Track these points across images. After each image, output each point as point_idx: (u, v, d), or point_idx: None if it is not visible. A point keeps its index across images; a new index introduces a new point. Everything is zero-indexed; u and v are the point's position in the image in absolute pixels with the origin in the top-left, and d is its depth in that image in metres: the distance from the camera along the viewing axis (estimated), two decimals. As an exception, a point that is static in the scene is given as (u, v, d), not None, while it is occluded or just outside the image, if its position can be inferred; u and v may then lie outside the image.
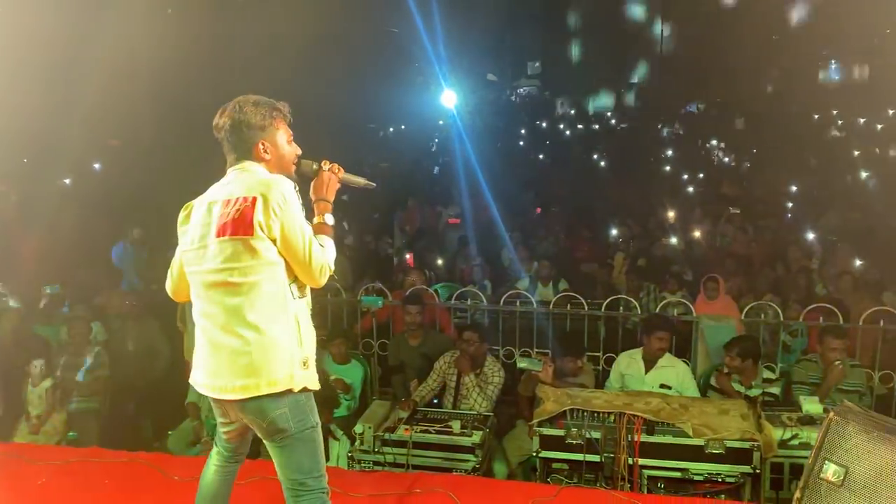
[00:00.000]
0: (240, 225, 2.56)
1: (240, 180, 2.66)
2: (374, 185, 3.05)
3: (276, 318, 2.60)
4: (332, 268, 2.72)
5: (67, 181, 11.99)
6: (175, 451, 5.34)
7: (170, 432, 5.68)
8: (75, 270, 8.08)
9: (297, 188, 2.71)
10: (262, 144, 2.71)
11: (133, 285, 8.30)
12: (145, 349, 6.44)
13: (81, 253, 8.65)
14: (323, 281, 2.69)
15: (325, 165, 2.88)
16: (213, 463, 2.98)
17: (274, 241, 2.58)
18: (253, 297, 2.57)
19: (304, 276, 2.66)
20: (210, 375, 2.65)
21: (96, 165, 14.58)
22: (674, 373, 5.15)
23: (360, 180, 3.01)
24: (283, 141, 2.77)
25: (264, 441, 2.71)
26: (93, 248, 8.93)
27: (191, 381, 2.75)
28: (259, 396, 2.56)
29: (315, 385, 2.70)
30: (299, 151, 2.85)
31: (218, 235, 2.60)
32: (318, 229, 2.76)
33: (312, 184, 2.87)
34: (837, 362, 4.97)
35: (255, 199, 2.56)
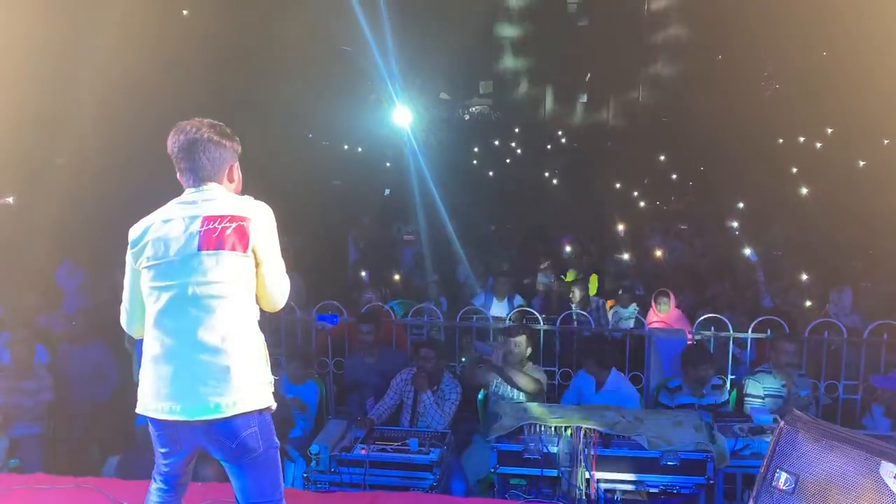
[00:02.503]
0: (235, 240, 2.56)
1: (220, 199, 2.64)
2: None
3: (253, 335, 2.63)
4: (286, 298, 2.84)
5: (10, 199, 11.63)
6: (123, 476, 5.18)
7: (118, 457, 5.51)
8: (16, 291, 7.82)
9: None
10: (233, 168, 2.75)
11: (79, 306, 8.06)
12: (92, 372, 6.25)
13: (23, 273, 8.38)
14: (279, 306, 2.78)
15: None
16: (155, 499, 2.83)
17: (258, 263, 2.63)
18: (235, 313, 2.57)
19: (269, 301, 2.73)
20: (173, 398, 2.54)
21: (40, 183, 14.16)
22: (617, 397, 5.18)
23: None
24: (238, 169, 2.80)
25: (225, 464, 2.65)
26: (35, 268, 8.65)
27: (140, 409, 2.62)
28: (232, 416, 2.52)
29: (273, 404, 2.69)
30: None
31: (204, 249, 2.55)
32: None
33: None
34: (805, 393, 5.10)
35: (248, 219, 2.60)
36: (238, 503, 2.71)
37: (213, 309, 2.54)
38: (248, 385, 2.56)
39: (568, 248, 10.73)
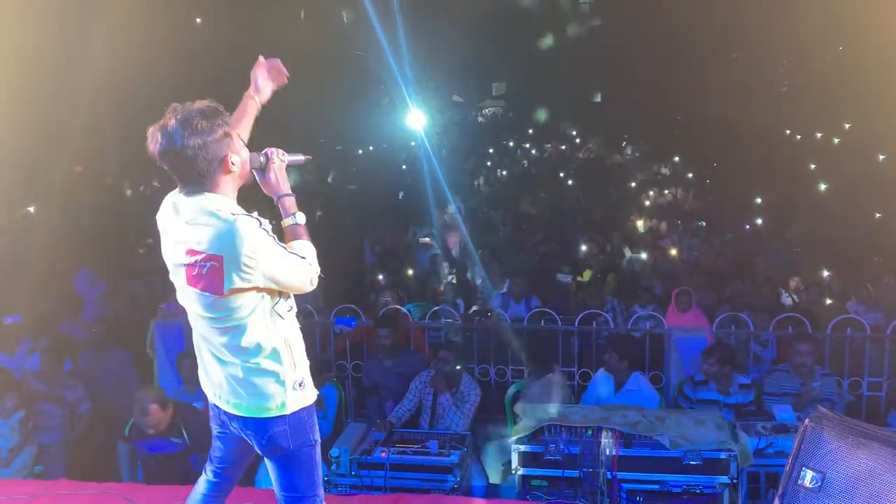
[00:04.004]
0: (209, 284, 2.38)
1: (204, 223, 2.36)
2: (310, 157, 2.78)
3: (266, 349, 2.48)
4: (318, 268, 2.55)
5: (31, 209, 11.77)
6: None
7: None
8: (37, 300, 7.90)
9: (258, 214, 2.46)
10: (228, 158, 2.40)
11: (99, 314, 8.13)
12: (113, 379, 6.29)
13: (44, 282, 8.46)
14: (313, 287, 2.55)
15: (276, 155, 2.62)
16: (201, 491, 2.87)
17: (255, 289, 2.42)
18: (239, 337, 2.46)
19: (296, 291, 2.56)
20: (212, 384, 2.63)
21: (59, 193, 14.33)
22: (637, 398, 5.15)
23: (300, 157, 2.72)
24: (239, 143, 2.48)
25: (264, 458, 2.68)
26: (55, 276, 8.73)
27: (204, 389, 2.69)
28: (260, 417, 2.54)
29: (312, 399, 2.63)
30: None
31: (189, 285, 2.44)
32: (293, 233, 2.56)
33: (263, 180, 2.61)
34: (816, 384, 5.04)
35: (220, 258, 2.33)
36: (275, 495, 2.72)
37: (222, 333, 2.48)
38: (266, 395, 2.51)
39: (584, 248, 10.70)
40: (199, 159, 2.33)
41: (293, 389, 2.55)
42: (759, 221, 12.26)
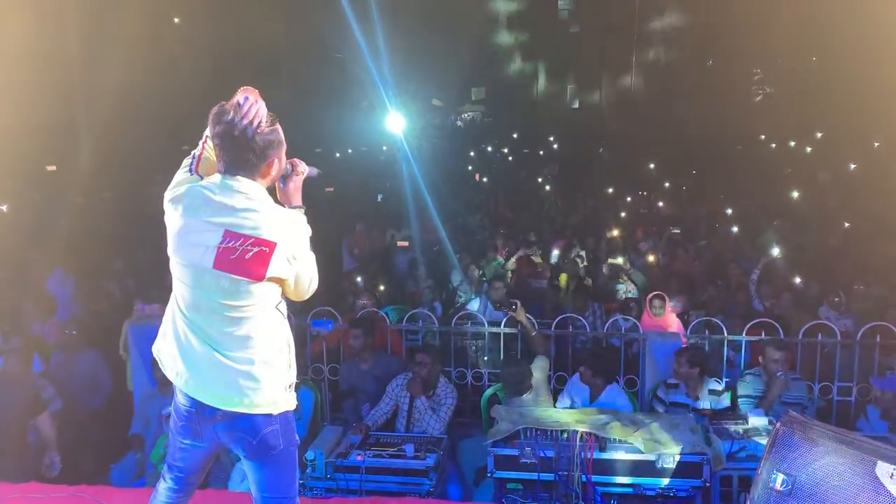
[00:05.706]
0: (249, 269, 2.38)
1: (250, 208, 2.40)
2: (322, 171, 2.84)
3: (273, 344, 2.53)
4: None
5: (3, 207, 11.60)
6: (119, 485, 5.15)
7: (113, 465, 5.49)
8: (10, 300, 7.79)
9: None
10: (273, 162, 2.48)
11: (72, 315, 8.03)
12: (85, 380, 6.22)
13: (16, 282, 8.34)
14: (307, 297, 2.62)
15: (300, 167, 2.67)
16: (162, 500, 2.82)
17: (280, 280, 2.47)
18: (251, 328, 2.47)
19: (297, 297, 2.59)
20: (197, 379, 2.50)
21: (33, 191, 14.14)
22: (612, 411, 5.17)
23: (314, 170, 2.79)
24: (279, 160, 2.54)
25: (245, 460, 2.64)
26: (28, 276, 8.61)
27: (172, 374, 2.54)
28: (254, 413, 2.51)
29: (295, 404, 2.65)
30: None
31: (217, 268, 2.38)
32: None
33: (283, 189, 2.63)
34: (780, 374, 5.11)
35: (273, 245, 2.38)
36: (252, 497, 2.70)
37: (231, 322, 2.46)
38: (263, 392, 2.51)
39: (560, 253, 10.76)
40: (262, 151, 2.43)
41: (285, 390, 2.58)
42: (731, 228, 12.40)
